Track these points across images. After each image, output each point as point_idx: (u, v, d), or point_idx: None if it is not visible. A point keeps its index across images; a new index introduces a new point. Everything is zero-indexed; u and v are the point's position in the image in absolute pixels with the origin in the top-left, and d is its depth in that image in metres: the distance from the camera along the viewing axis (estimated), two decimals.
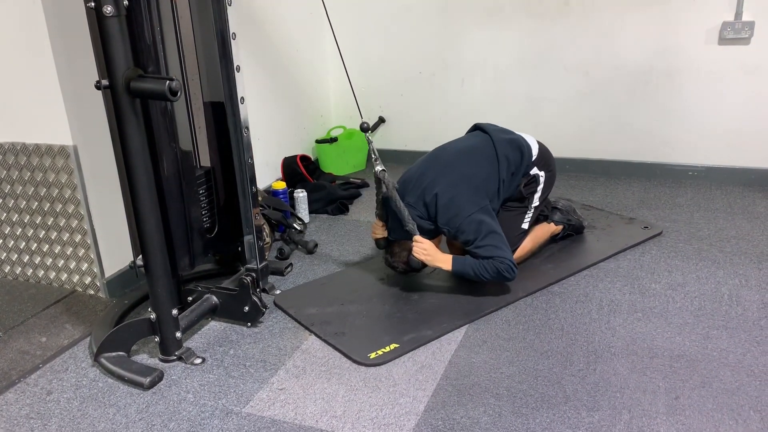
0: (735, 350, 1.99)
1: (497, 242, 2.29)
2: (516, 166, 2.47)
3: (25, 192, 2.52)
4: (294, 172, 3.64)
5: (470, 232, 2.29)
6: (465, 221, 2.30)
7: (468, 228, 2.29)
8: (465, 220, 2.30)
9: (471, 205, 2.32)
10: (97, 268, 2.49)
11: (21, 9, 2.21)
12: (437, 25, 3.80)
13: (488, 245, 2.27)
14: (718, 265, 2.54)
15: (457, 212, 2.31)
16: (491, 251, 2.26)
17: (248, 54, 3.16)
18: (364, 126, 2.41)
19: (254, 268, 2.40)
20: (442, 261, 2.34)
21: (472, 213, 2.30)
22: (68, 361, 2.13)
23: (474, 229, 2.29)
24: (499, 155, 2.43)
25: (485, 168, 2.42)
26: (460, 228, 2.31)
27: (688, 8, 3.25)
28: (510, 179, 2.46)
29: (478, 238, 2.28)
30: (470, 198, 2.33)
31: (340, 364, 2.04)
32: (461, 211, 2.31)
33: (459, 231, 2.31)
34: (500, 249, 2.27)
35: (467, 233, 2.30)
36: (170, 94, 1.74)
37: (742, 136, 3.36)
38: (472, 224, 2.29)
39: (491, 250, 2.27)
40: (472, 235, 2.29)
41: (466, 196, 2.33)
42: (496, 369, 1.96)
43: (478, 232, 2.28)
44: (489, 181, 2.40)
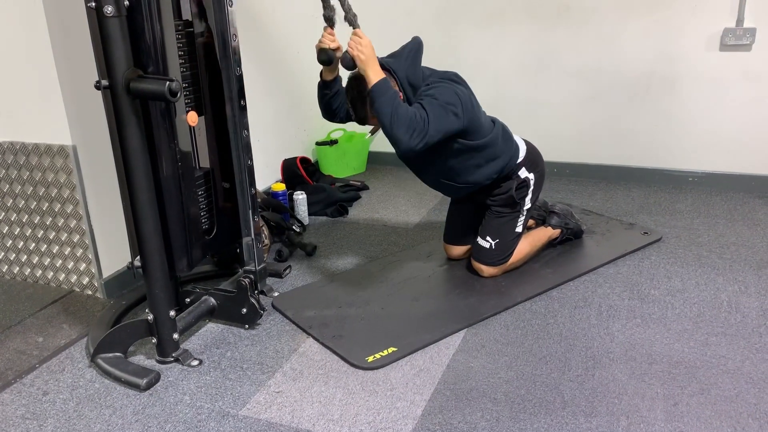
0: (734, 357, 1.98)
1: (442, 119, 2.08)
2: (501, 152, 2.38)
3: (23, 191, 2.52)
4: (294, 174, 3.64)
5: (440, 93, 2.10)
6: (448, 90, 2.13)
7: (442, 90, 2.12)
8: (448, 90, 2.13)
9: (463, 96, 2.16)
10: (95, 268, 2.49)
11: (21, 8, 2.21)
12: (438, 30, 3.80)
13: (433, 108, 2.07)
14: (717, 272, 2.53)
15: (449, 84, 2.17)
16: (429, 110, 2.05)
17: (249, 55, 3.16)
18: None
19: (252, 270, 2.39)
20: (372, 70, 2.06)
21: (456, 95, 2.13)
22: (65, 362, 2.12)
23: (443, 97, 2.10)
24: (493, 132, 2.36)
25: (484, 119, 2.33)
26: (437, 85, 2.14)
27: (690, 14, 3.25)
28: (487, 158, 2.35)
29: (437, 100, 2.08)
30: (466, 99, 2.18)
31: (337, 367, 2.03)
32: (453, 86, 2.16)
33: (434, 86, 2.14)
34: (436, 121, 2.05)
35: (436, 91, 2.11)
36: (170, 95, 1.74)
37: (743, 143, 3.36)
38: (448, 95, 2.11)
39: (430, 109, 2.06)
40: (439, 95, 2.09)
41: (466, 95, 2.18)
42: (494, 374, 1.95)
43: (443, 101, 2.09)
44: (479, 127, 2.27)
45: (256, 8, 3.33)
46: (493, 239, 2.49)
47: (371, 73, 2.07)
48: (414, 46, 2.28)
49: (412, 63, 2.24)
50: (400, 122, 2.01)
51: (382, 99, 2.04)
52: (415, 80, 2.22)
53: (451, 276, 2.61)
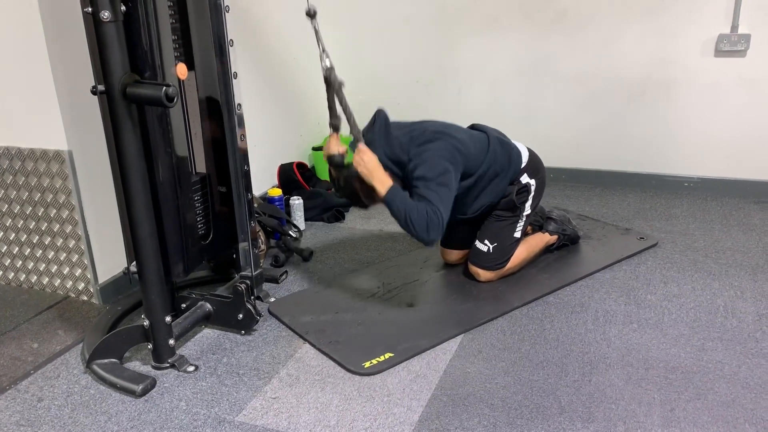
0: (730, 362, 1.98)
1: (444, 196, 2.15)
2: (501, 167, 2.41)
3: (19, 197, 2.51)
4: (290, 179, 3.64)
5: (432, 170, 2.15)
6: (436, 159, 2.17)
7: (433, 166, 2.16)
8: (436, 158, 2.17)
9: (450, 155, 2.20)
10: (90, 273, 2.48)
11: (18, 13, 2.20)
12: (435, 34, 3.81)
13: (435, 191, 2.14)
14: (713, 277, 2.54)
15: (434, 148, 2.20)
16: (434, 197, 2.13)
17: (245, 61, 3.16)
18: (310, 12, 2.12)
19: (249, 276, 2.39)
20: (379, 181, 2.17)
21: (445, 159, 2.18)
22: (60, 368, 2.11)
23: (437, 171, 2.16)
24: (489, 151, 2.37)
25: (476, 150, 2.35)
26: (427, 161, 2.17)
27: (685, 20, 3.27)
28: (491, 179, 2.39)
29: (434, 180, 2.14)
30: (454, 150, 2.22)
31: (334, 373, 2.02)
32: (439, 150, 2.20)
33: (423, 163, 2.18)
34: (442, 203, 2.13)
35: (428, 169, 2.16)
36: (166, 100, 1.73)
37: (738, 148, 3.37)
38: (439, 167, 2.16)
39: (434, 196, 2.13)
40: (431, 173, 2.15)
41: (452, 146, 2.23)
42: (491, 379, 1.95)
43: (438, 176, 2.15)
44: (474, 160, 2.31)
45: (252, 14, 3.33)
46: (492, 243, 2.49)
47: (378, 185, 2.19)
48: (381, 123, 2.31)
49: (387, 141, 2.29)
50: (417, 225, 2.12)
51: (394, 206, 2.16)
52: (396, 156, 2.28)
53: (447, 281, 2.61)
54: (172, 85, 1.74)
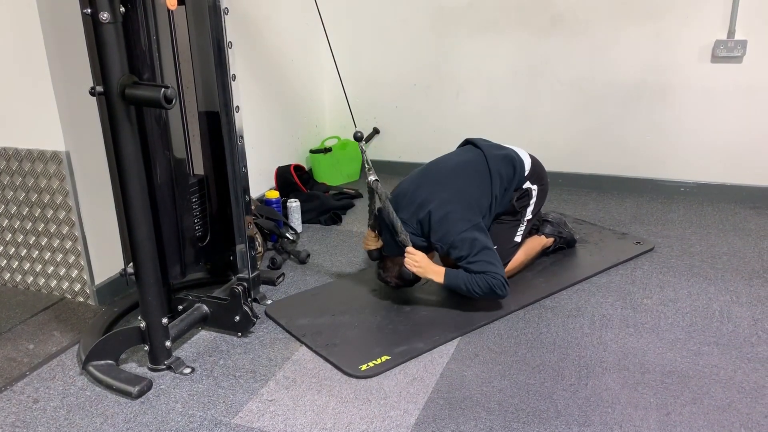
0: (726, 367, 1.99)
1: (490, 258, 2.28)
2: (508, 181, 2.48)
3: (15, 197, 2.50)
4: (287, 182, 3.63)
5: (463, 248, 2.28)
6: (458, 238, 2.29)
7: (461, 245, 2.29)
8: (458, 236, 2.29)
9: (464, 222, 2.31)
10: (87, 275, 2.47)
11: (17, 14, 2.20)
12: (432, 38, 3.81)
13: (481, 261, 2.26)
14: (709, 282, 2.54)
15: (449, 229, 2.31)
16: (484, 266, 2.26)
17: (244, 63, 3.17)
18: (357, 135, 2.39)
19: (246, 278, 2.39)
20: (434, 273, 2.33)
21: (465, 230, 2.29)
22: (56, 369, 2.11)
23: (467, 246, 2.28)
24: (492, 172, 2.43)
25: (478, 185, 2.42)
26: (453, 244, 2.30)
27: (681, 25, 3.28)
28: (502, 195, 2.47)
29: (471, 254, 2.27)
30: (463, 215, 2.33)
31: (330, 375, 2.02)
32: (454, 228, 2.30)
33: (452, 247, 2.31)
34: (493, 265, 2.27)
35: (460, 249, 2.29)
36: (165, 102, 1.73)
37: (734, 153, 3.38)
38: (465, 241, 2.28)
39: (484, 265, 2.26)
40: (465, 251, 2.28)
41: (459, 213, 2.33)
42: (488, 383, 1.95)
43: (471, 248, 2.27)
44: (482, 197, 2.41)
45: (251, 16, 3.33)
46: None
47: (435, 277, 2.33)
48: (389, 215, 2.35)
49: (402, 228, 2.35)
50: (485, 294, 2.27)
51: (459, 289, 2.30)
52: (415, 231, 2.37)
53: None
54: (170, 87, 1.74)
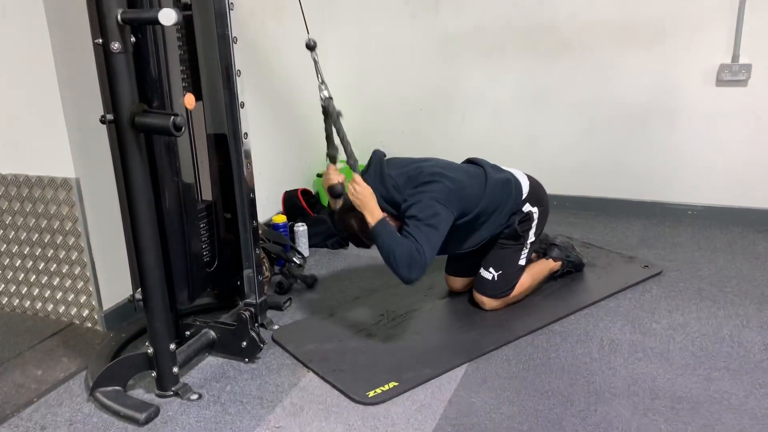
0: (737, 393, 1.97)
1: (432, 239, 2.17)
2: (501, 203, 2.42)
3: (25, 224, 2.52)
4: (295, 206, 3.65)
5: (424, 211, 2.18)
6: (429, 201, 2.20)
7: (426, 208, 2.19)
8: (430, 200, 2.20)
9: (445, 198, 2.22)
10: (95, 300, 2.48)
11: (30, 43, 2.24)
12: (438, 63, 3.85)
13: (424, 233, 2.16)
14: (718, 306, 2.53)
15: (429, 190, 2.23)
16: (422, 238, 2.14)
17: (252, 90, 3.19)
18: (310, 43, 2.21)
19: (253, 303, 2.39)
20: (370, 211, 2.19)
21: (440, 202, 2.21)
22: (63, 396, 2.10)
23: (428, 213, 2.18)
24: (487, 189, 2.39)
25: (473, 188, 2.37)
26: (420, 202, 2.20)
27: (686, 50, 3.30)
28: (490, 215, 2.40)
29: (423, 222, 2.17)
30: (450, 193, 2.25)
31: (338, 402, 2.01)
32: (433, 192, 2.22)
33: (417, 203, 2.21)
34: (429, 244, 2.15)
35: (420, 210, 2.19)
36: (174, 130, 1.75)
37: (741, 177, 3.38)
38: (431, 209, 2.19)
39: (422, 237, 2.14)
40: (423, 215, 2.18)
41: (448, 189, 2.25)
42: (497, 409, 1.94)
43: (429, 218, 2.17)
44: (471, 200, 2.33)
45: (259, 44, 3.38)
46: (496, 270, 2.49)
47: (368, 216, 2.20)
48: (376, 164, 2.35)
49: (382, 183, 2.32)
50: (399, 261, 2.14)
51: (381, 240, 2.18)
52: (391, 198, 2.31)
53: (452, 309, 2.60)
54: (179, 115, 1.76)
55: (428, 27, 3.81)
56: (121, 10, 1.71)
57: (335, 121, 2.26)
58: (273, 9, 3.48)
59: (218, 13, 2.08)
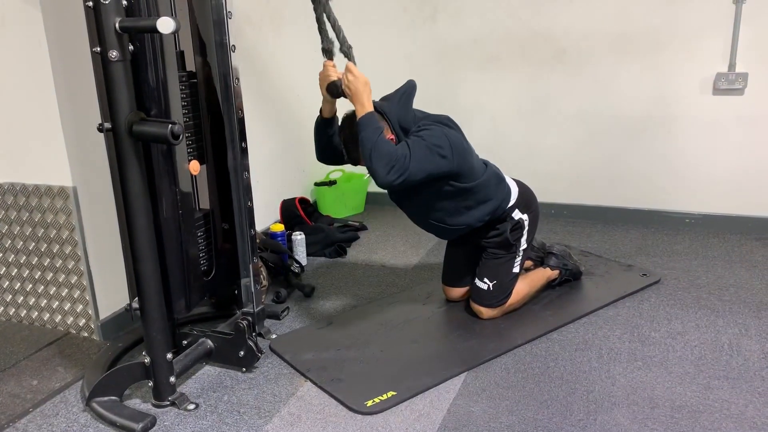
0: (737, 401, 1.96)
1: (424, 159, 2.09)
2: (491, 196, 2.40)
3: (22, 232, 2.51)
4: (292, 215, 3.65)
5: (429, 135, 2.13)
6: (438, 130, 2.16)
7: (433, 133, 2.14)
8: (440, 132, 2.16)
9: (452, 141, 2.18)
10: (91, 310, 2.47)
11: (26, 51, 2.24)
12: (436, 73, 3.86)
13: (419, 148, 2.10)
14: (717, 314, 2.52)
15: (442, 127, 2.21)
16: (414, 148, 2.08)
17: (250, 98, 3.20)
18: None
19: (250, 312, 2.38)
20: (361, 103, 2.11)
21: (447, 138, 2.17)
22: (59, 406, 2.09)
23: (431, 139, 2.13)
24: (485, 175, 2.38)
25: (476, 163, 2.36)
26: (428, 127, 2.17)
27: (682, 59, 3.31)
28: (479, 201, 2.37)
29: (425, 140, 2.12)
30: (457, 142, 2.21)
31: (336, 412, 2.00)
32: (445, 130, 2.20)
33: (424, 127, 2.17)
34: (417, 160, 2.07)
35: (426, 133, 2.14)
36: (172, 138, 1.75)
37: (739, 185, 3.39)
38: (437, 138, 2.13)
39: (415, 149, 2.08)
40: (427, 136, 2.13)
41: (457, 139, 2.22)
42: (496, 418, 1.93)
43: (431, 142, 2.12)
44: (471, 170, 2.30)
45: (257, 52, 3.39)
46: (491, 281, 2.48)
47: (359, 107, 2.13)
48: (406, 89, 2.32)
49: (404, 105, 2.29)
50: (380, 155, 2.05)
51: (366, 132, 2.09)
52: (406, 123, 2.27)
53: (450, 318, 2.60)
54: (177, 123, 1.76)
55: (426, 37, 3.83)
56: (119, 18, 1.71)
57: (325, 5, 2.13)
58: (271, 18, 3.49)
59: (216, 21, 2.08)
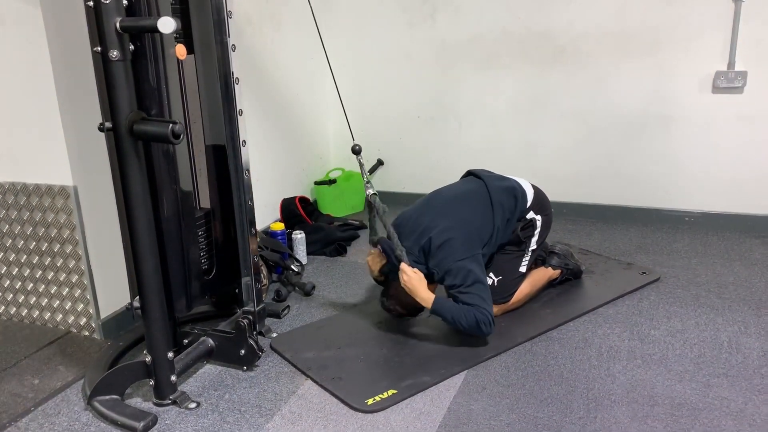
0: (736, 399, 1.97)
1: (482, 293, 2.28)
2: (510, 212, 2.49)
3: (23, 231, 2.52)
4: (292, 214, 3.65)
5: (458, 276, 2.29)
6: (455, 265, 2.30)
7: (456, 272, 2.29)
8: (455, 264, 2.30)
9: (463, 251, 2.32)
10: (92, 309, 2.47)
11: (28, 51, 2.24)
12: (436, 71, 3.86)
13: (472, 293, 2.26)
14: (716, 312, 2.53)
15: (447, 255, 2.31)
16: (474, 299, 2.25)
17: (250, 98, 3.20)
18: (356, 148, 2.38)
19: (251, 311, 2.38)
20: (423, 296, 2.31)
21: (462, 258, 2.30)
22: (60, 405, 2.09)
23: (462, 275, 2.28)
24: (494, 202, 2.45)
25: (481, 214, 2.44)
26: (449, 271, 2.30)
27: (682, 57, 3.31)
28: (505, 225, 2.48)
29: (465, 284, 2.27)
30: (463, 243, 2.34)
31: (337, 410, 2.01)
32: (452, 255, 2.31)
33: (447, 273, 2.31)
34: (483, 300, 2.27)
35: (454, 277, 2.29)
36: (173, 137, 1.75)
37: (738, 183, 3.39)
38: (461, 270, 2.29)
39: (475, 298, 2.26)
40: (459, 280, 2.28)
41: (460, 241, 2.34)
42: (496, 416, 1.93)
43: (465, 278, 2.28)
44: (483, 228, 2.42)
45: (257, 51, 3.39)
46: (496, 276, 2.49)
47: (423, 302, 2.32)
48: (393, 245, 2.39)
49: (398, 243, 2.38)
50: (469, 328, 2.25)
51: (443, 317, 2.30)
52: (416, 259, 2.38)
53: None
54: (178, 122, 1.76)
55: (425, 36, 3.83)
56: (119, 18, 1.71)
57: (381, 216, 2.39)
58: (271, 17, 3.49)
59: (217, 21, 2.08)
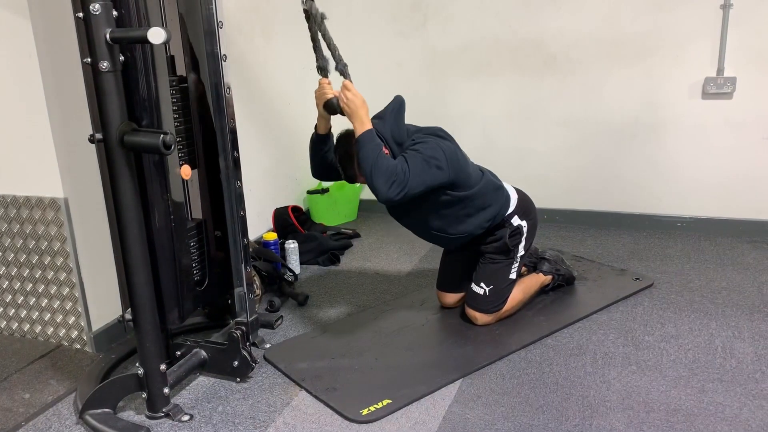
0: (731, 404, 1.97)
1: (422, 172, 2.12)
2: (491, 202, 2.43)
3: (13, 244, 2.50)
4: (285, 223, 3.64)
5: (425, 148, 2.16)
6: (433, 143, 2.19)
7: (428, 146, 2.17)
8: (435, 145, 2.18)
9: (447, 153, 2.20)
10: (84, 321, 2.45)
11: (17, 62, 2.23)
12: (427, 79, 3.87)
13: (416, 162, 2.12)
14: (710, 317, 2.53)
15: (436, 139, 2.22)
16: (412, 163, 2.11)
17: (241, 107, 3.20)
18: None
19: (244, 321, 2.37)
20: (360, 120, 2.14)
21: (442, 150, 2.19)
22: (52, 419, 2.07)
23: (428, 152, 2.15)
24: (482, 183, 2.41)
25: (472, 170, 2.39)
26: (424, 140, 2.20)
27: (671, 64, 3.34)
28: (478, 209, 2.40)
29: (421, 154, 2.14)
30: (452, 153, 2.23)
31: (331, 421, 1.99)
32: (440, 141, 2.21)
33: (420, 141, 2.20)
34: (416, 174, 2.10)
35: (422, 146, 2.17)
36: (164, 148, 1.74)
37: (729, 188, 3.41)
38: (433, 150, 2.16)
39: (413, 163, 2.11)
40: (423, 149, 2.15)
41: (451, 150, 2.24)
42: (491, 425, 1.92)
43: (428, 155, 2.14)
44: (468, 178, 2.33)
45: (248, 61, 3.39)
46: (488, 285, 2.49)
47: (358, 125, 2.16)
48: (396, 105, 2.35)
49: (395, 121, 2.31)
50: (380, 172, 2.08)
51: (365, 149, 2.12)
52: (399, 137, 2.29)
53: (445, 325, 2.59)
54: (169, 133, 1.76)
55: (416, 44, 3.84)
56: (109, 29, 1.71)
57: (320, 24, 2.16)
58: (262, 27, 3.50)
59: (207, 31, 2.08)
